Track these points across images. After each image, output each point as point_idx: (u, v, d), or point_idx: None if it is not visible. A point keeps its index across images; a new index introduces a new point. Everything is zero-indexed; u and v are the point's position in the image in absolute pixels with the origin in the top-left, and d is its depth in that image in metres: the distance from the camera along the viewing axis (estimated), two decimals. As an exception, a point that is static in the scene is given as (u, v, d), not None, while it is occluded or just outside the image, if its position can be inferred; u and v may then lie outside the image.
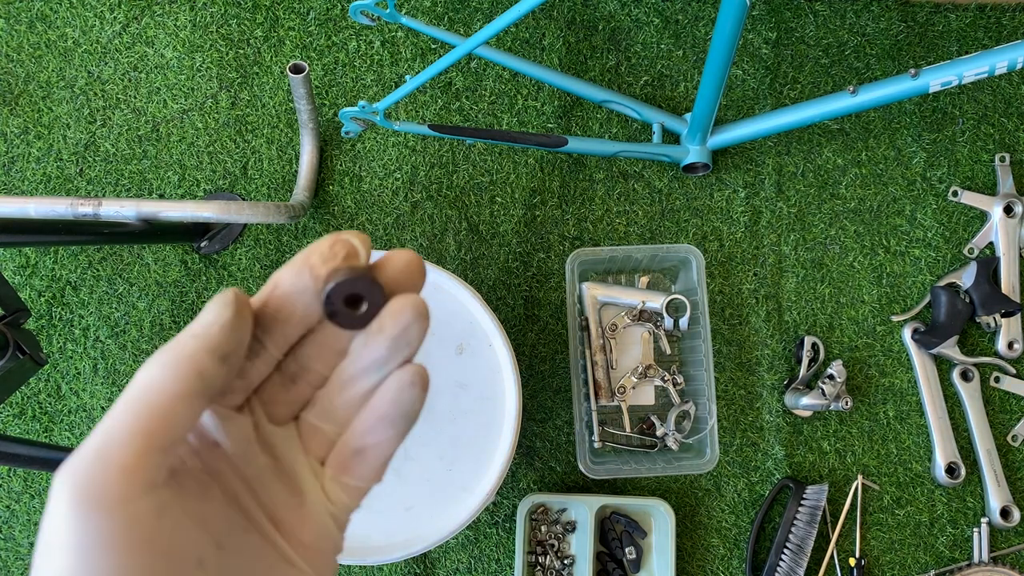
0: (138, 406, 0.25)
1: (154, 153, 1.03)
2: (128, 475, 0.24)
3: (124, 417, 0.24)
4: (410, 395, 0.29)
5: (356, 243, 0.28)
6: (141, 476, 0.24)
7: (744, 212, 1.00)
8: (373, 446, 0.30)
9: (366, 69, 1.04)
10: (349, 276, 0.28)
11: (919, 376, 0.97)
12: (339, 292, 0.28)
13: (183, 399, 0.25)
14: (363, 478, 0.31)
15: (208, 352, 0.26)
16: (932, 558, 0.95)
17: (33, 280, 1.01)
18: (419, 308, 0.28)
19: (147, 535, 0.24)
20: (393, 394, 0.29)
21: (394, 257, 0.30)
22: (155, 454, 0.25)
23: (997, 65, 0.82)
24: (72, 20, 1.06)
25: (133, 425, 0.24)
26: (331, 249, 0.28)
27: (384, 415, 0.29)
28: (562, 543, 0.94)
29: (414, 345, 0.29)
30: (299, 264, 0.28)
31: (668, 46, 1.04)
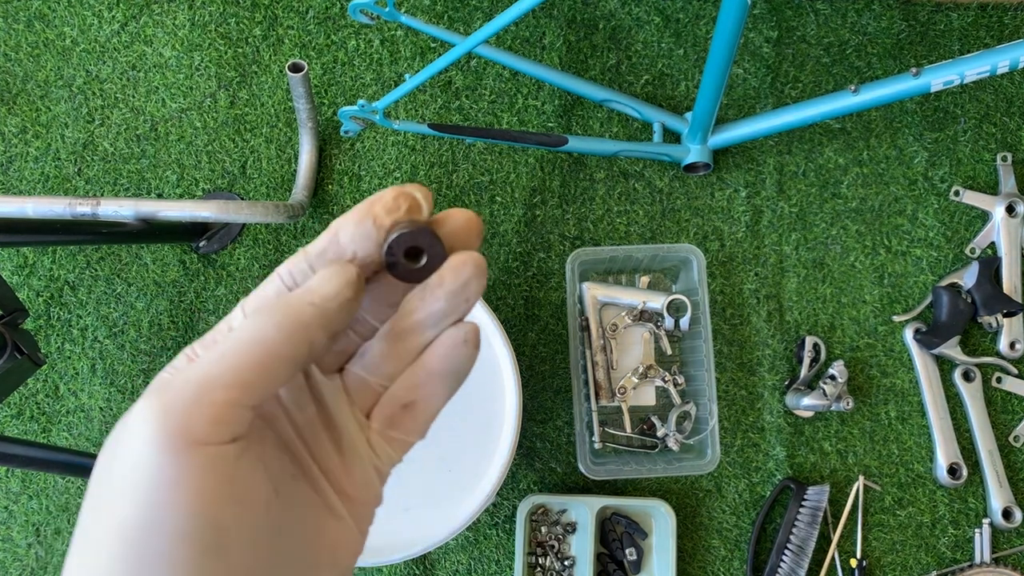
0: (246, 358, 0.25)
1: (152, 152, 1.02)
2: (222, 423, 0.24)
3: (230, 363, 0.25)
4: (464, 352, 0.29)
5: (419, 197, 0.29)
6: (233, 426, 0.25)
7: (745, 212, 1.00)
8: (422, 401, 0.30)
9: (365, 68, 1.03)
10: (411, 229, 0.28)
11: (920, 376, 0.97)
12: (400, 244, 0.28)
13: (289, 364, 0.26)
14: (409, 432, 0.31)
15: (323, 327, 0.26)
16: (934, 559, 0.95)
17: (31, 280, 1.00)
18: (479, 264, 0.29)
19: (227, 477, 0.24)
20: (447, 350, 0.29)
21: (454, 214, 0.30)
22: (248, 408, 0.25)
23: (999, 64, 0.81)
24: (70, 19, 1.05)
25: (237, 375, 0.25)
26: (395, 201, 0.28)
27: (436, 371, 0.30)
28: (562, 544, 0.94)
29: (472, 301, 0.29)
30: (362, 213, 0.28)
31: (669, 45, 1.04)
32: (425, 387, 0.30)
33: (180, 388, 0.24)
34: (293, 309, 0.26)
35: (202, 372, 0.25)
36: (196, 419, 0.24)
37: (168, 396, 0.24)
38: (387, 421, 0.31)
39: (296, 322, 0.26)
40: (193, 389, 0.24)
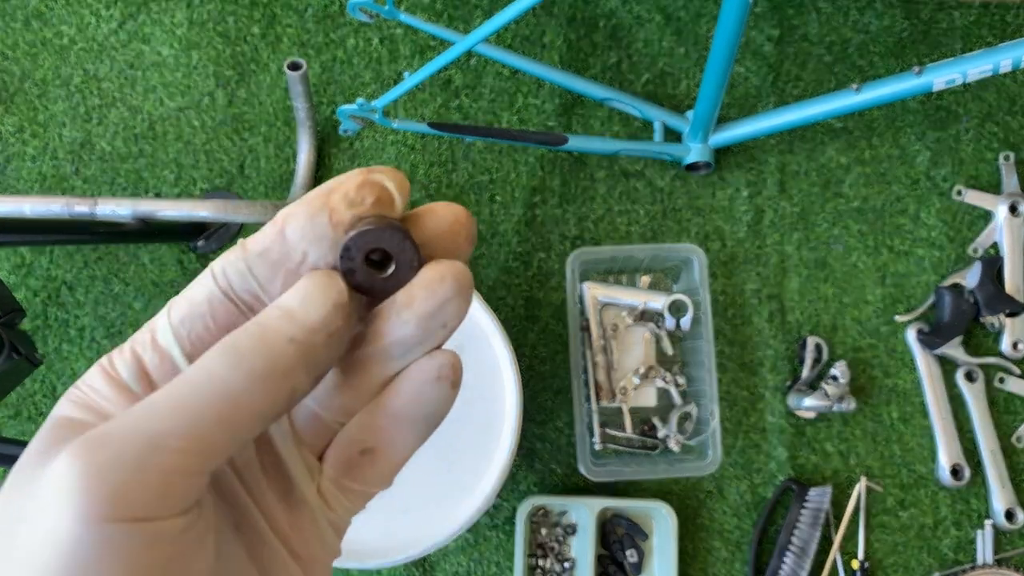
0: (208, 414, 0.20)
1: (150, 152, 1.02)
2: (171, 496, 0.19)
3: (186, 419, 0.20)
4: (436, 392, 0.24)
5: (391, 186, 0.23)
6: (184, 498, 0.20)
7: (747, 211, 1.00)
8: (384, 448, 0.25)
9: (364, 66, 1.03)
10: (376, 226, 0.22)
11: (923, 377, 0.96)
12: (361, 245, 0.22)
13: (262, 419, 0.21)
14: (369, 482, 0.25)
15: (307, 368, 0.21)
16: (936, 561, 0.94)
17: (29, 280, 1.00)
18: (461, 279, 0.23)
19: (167, 557, 0.20)
20: (415, 388, 0.24)
21: (438, 210, 0.24)
22: (206, 475, 0.20)
23: (1001, 63, 0.81)
24: (68, 17, 1.05)
25: (195, 436, 0.20)
26: (358, 191, 0.22)
27: (401, 414, 0.24)
28: (562, 546, 0.93)
29: (450, 327, 0.23)
30: (316, 205, 0.22)
31: (670, 43, 1.03)
32: (387, 432, 0.24)
33: (119, 447, 0.19)
34: (269, 348, 0.21)
35: (149, 429, 0.19)
36: (138, 490, 0.19)
37: (103, 456, 0.19)
38: (342, 467, 0.25)
39: (275, 369, 0.20)
40: (136, 451, 0.19)
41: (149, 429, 0.19)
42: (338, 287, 0.22)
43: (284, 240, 0.22)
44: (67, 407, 0.22)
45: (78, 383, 0.22)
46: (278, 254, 0.22)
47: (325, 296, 0.22)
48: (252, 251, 0.22)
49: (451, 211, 0.24)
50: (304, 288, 0.22)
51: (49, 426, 0.21)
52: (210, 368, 0.20)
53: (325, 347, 0.22)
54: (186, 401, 0.20)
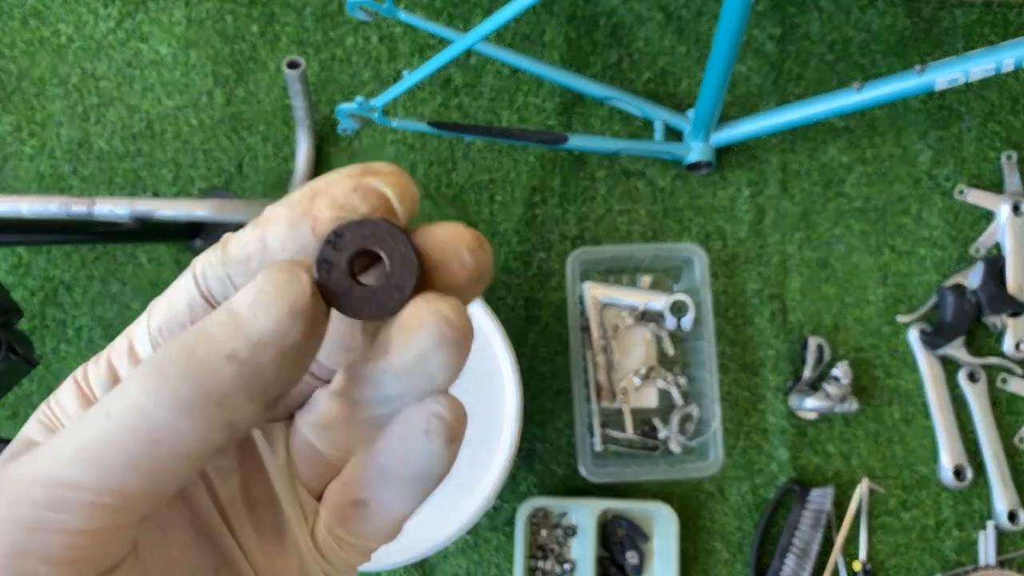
0: (119, 457, 0.16)
1: (148, 151, 1.01)
2: (76, 563, 0.16)
3: (93, 468, 0.16)
4: (425, 450, 0.19)
5: (390, 193, 0.18)
6: (94, 564, 0.16)
7: (748, 211, 0.99)
8: (377, 503, 0.21)
9: (363, 65, 1.03)
10: (380, 223, 0.18)
11: (925, 377, 0.96)
12: (353, 240, 0.18)
13: (193, 461, 0.17)
14: (364, 536, 0.22)
15: (251, 395, 0.17)
16: (938, 562, 0.94)
17: (26, 280, 0.99)
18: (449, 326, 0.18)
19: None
20: (401, 443, 0.20)
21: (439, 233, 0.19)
22: (125, 532, 0.17)
23: (1004, 62, 0.80)
24: (66, 16, 1.04)
25: (106, 488, 0.16)
26: (346, 197, 0.18)
27: (388, 469, 0.20)
28: (563, 547, 0.93)
29: (440, 381, 0.19)
30: (298, 211, 0.18)
31: (671, 42, 1.03)
32: (378, 487, 0.21)
33: (16, 501, 0.16)
34: (202, 371, 0.16)
35: (51, 476, 0.16)
36: (38, 557, 0.16)
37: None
38: (336, 516, 0.22)
39: (208, 397, 0.16)
40: (35, 506, 0.16)
41: (51, 477, 0.16)
42: (299, 288, 0.17)
43: (265, 248, 0.19)
44: (33, 427, 0.19)
45: (50, 398, 0.20)
46: (259, 263, 0.19)
47: (280, 299, 0.17)
48: (232, 257, 0.19)
49: (457, 235, 0.19)
50: (256, 286, 0.17)
51: (11, 449, 0.19)
52: (129, 394, 0.17)
53: (275, 367, 0.17)
54: (96, 440, 0.16)
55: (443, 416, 0.19)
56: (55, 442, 0.17)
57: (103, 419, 0.16)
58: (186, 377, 0.16)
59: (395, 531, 0.22)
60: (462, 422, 0.19)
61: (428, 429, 0.19)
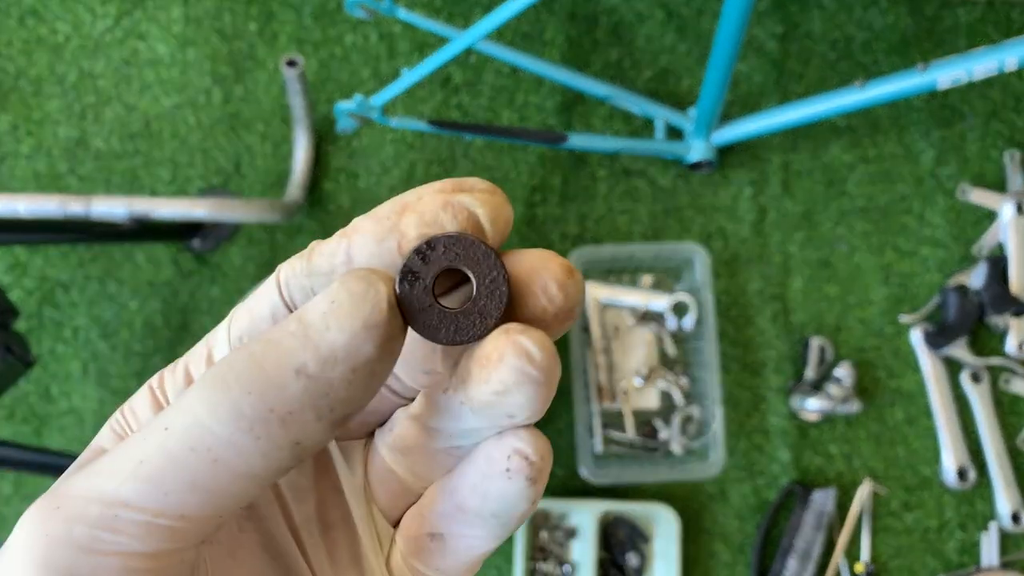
0: (178, 477, 0.15)
1: (146, 150, 1.01)
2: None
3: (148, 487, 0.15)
4: (504, 490, 0.18)
5: (480, 213, 0.18)
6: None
7: (750, 210, 0.99)
8: (453, 538, 0.20)
9: (362, 64, 1.02)
10: (474, 242, 0.17)
11: (928, 378, 0.95)
12: (444, 256, 0.17)
13: (259, 481, 0.16)
14: (441, 571, 0.20)
15: (318, 413, 0.16)
16: (941, 563, 0.93)
17: (23, 280, 0.99)
18: (532, 362, 0.17)
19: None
20: (478, 480, 0.18)
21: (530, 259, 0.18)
22: (185, 552, 0.16)
23: (1007, 61, 0.80)
24: (63, 15, 1.04)
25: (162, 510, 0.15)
26: (435, 215, 0.17)
27: (466, 505, 0.19)
28: (563, 549, 0.92)
29: (519, 419, 0.18)
30: (385, 226, 0.17)
31: (672, 40, 1.02)
32: (455, 522, 0.19)
33: (72, 517, 0.15)
34: (267, 382, 0.15)
35: (106, 494, 0.15)
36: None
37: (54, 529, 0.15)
38: (413, 547, 0.20)
39: (269, 411, 0.15)
40: (90, 524, 0.15)
41: (107, 495, 0.15)
42: (375, 299, 0.16)
43: (350, 261, 0.18)
44: (106, 436, 0.19)
45: (124, 405, 0.19)
46: None
47: (355, 311, 0.16)
48: (316, 269, 0.18)
49: (545, 264, 0.18)
50: (330, 296, 0.16)
51: (81, 459, 0.18)
52: (190, 408, 0.16)
53: (346, 385, 0.16)
54: (154, 457, 0.15)
55: (525, 454, 0.18)
56: (115, 455, 0.16)
57: (162, 434, 0.16)
58: (250, 391, 0.15)
59: (473, 568, 0.21)
60: (546, 461, 0.18)
61: (509, 467, 0.18)
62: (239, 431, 0.15)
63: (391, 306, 0.16)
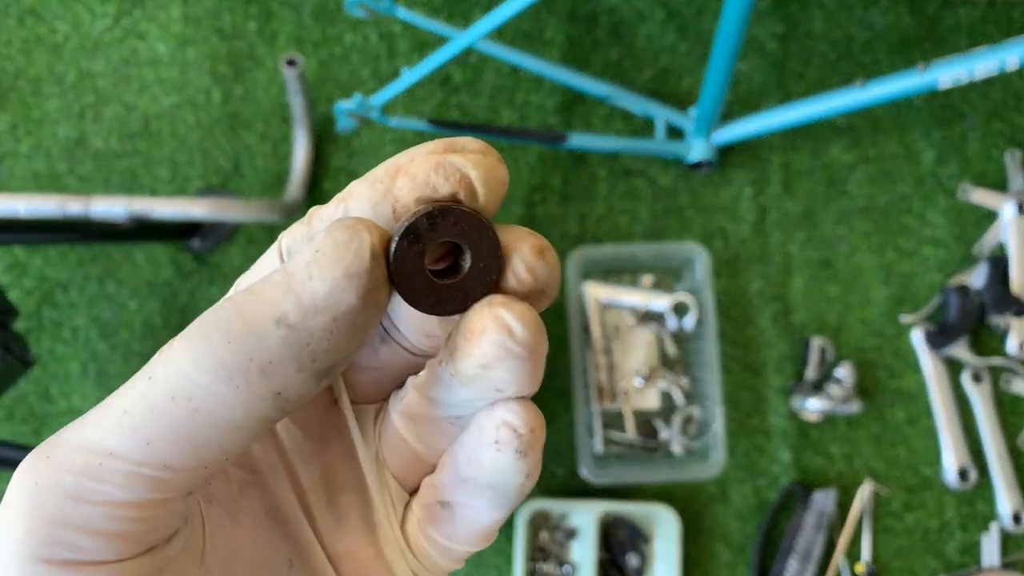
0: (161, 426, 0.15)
1: (145, 149, 1.01)
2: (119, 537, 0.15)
3: (134, 437, 0.15)
4: (495, 461, 0.18)
5: (474, 176, 0.17)
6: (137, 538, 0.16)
7: (750, 210, 0.98)
8: (459, 507, 0.20)
9: (362, 63, 1.02)
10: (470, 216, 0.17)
11: (929, 378, 0.95)
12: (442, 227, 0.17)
13: (242, 432, 0.16)
14: (454, 539, 0.21)
15: (300, 364, 0.15)
16: (942, 564, 0.93)
17: (22, 280, 0.98)
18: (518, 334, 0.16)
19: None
20: (472, 451, 0.19)
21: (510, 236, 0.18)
22: (174, 503, 0.16)
23: (1008, 60, 0.79)
24: (62, 14, 1.03)
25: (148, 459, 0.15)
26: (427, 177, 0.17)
27: (464, 475, 0.19)
28: (563, 550, 0.92)
29: (508, 392, 0.17)
30: (379, 189, 0.17)
31: (672, 40, 1.02)
32: (460, 492, 0.20)
33: (61, 466, 0.15)
34: (246, 332, 0.15)
35: (93, 443, 0.15)
36: (79, 527, 0.15)
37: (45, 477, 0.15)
38: (427, 514, 0.21)
39: (248, 360, 0.15)
40: (77, 474, 0.15)
41: (93, 444, 0.15)
42: (357, 248, 0.15)
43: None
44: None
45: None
46: None
47: (337, 260, 0.15)
48: (318, 223, 0.18)
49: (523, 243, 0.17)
50: (315, 245, 0.16)
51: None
52: (172, 358, 0.16)
53: (327, 335, 0.15)
54: (136, 406, 0.15)
55: (513, 426, 0.18)
56: (103, 405, 0.16)
57: (145, 383, 0.16)
58: (229, 340, 0.15)
59: (484, 538, 0.21)
60: (536, 434, 0.18)
61: (498, 439, 0.18)
62: (218, 380, 0.15)
63: (375, 256, 0.16)
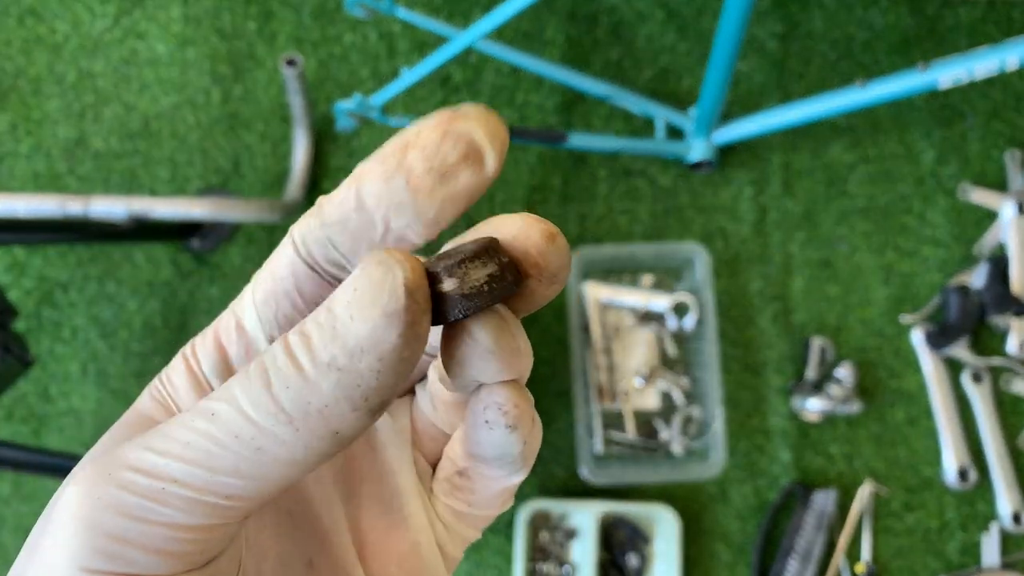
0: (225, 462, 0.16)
1: (145, 149, 1.01)
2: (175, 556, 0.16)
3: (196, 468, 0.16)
4: (491, 437, 0.20)
5: (480, 138, 0.17)
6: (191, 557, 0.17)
7: (750, 210, 0.98)
8: (475, 474, 0.22)
9: (362, 63, 1.02)
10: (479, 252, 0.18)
11: (929, 378, 0.95)
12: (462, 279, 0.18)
13: (302, 467, 0.17)
14: (474, 505, 0.22)
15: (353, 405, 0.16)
16: (942, 564, 0.93)
17: (22, 280, 0.98)
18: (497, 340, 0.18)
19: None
20: (472, 431, 0.20)
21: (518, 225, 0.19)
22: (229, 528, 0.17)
23: (1008, 60, 0.79)
24: (62, 14, 1.03)
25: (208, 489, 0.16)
26: (437, 146, 0.17)
27: (471, 452, 0.21)
28: (563, 550, 0.92)
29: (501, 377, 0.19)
30: (391, 164, 0.17)
31: (672, 39, 1.02)
32: (471, 461, 0.21)
33: (123, 485, 0.16)
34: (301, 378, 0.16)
35: (157, 468, 0.16)
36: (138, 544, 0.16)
37: (106, 494, 0.16)
38: (446, 486, 0.22)
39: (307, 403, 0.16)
40: (140, 494, 0.16)
41: (158, 469, 0.16)
42: (393, 286, 0.16)
43: (363, 208, 0.18)
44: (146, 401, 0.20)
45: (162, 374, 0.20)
46: (357, 223, 0.18)
47: (374, 299, 0.16)
48: (329, 220, 0.18)
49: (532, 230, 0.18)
50: (353, 284, 0.16)
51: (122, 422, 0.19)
52: (234, 398, 0.16)
53: (375, 375, 0.16)
54: (200, 441, 0.16)
55: (499, 404, 0.19)
56: (164, 433, 0.17)
57: (207, 420, 0.16)
58: (287, 386, 0.16)
59: (502, 502, 0.22)
60: (522, 407, 0.19)
61: (488, 419, 0.19)
62: (280, 424, 0.16)
63: (410, 292, 0.16)
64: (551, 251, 0.18)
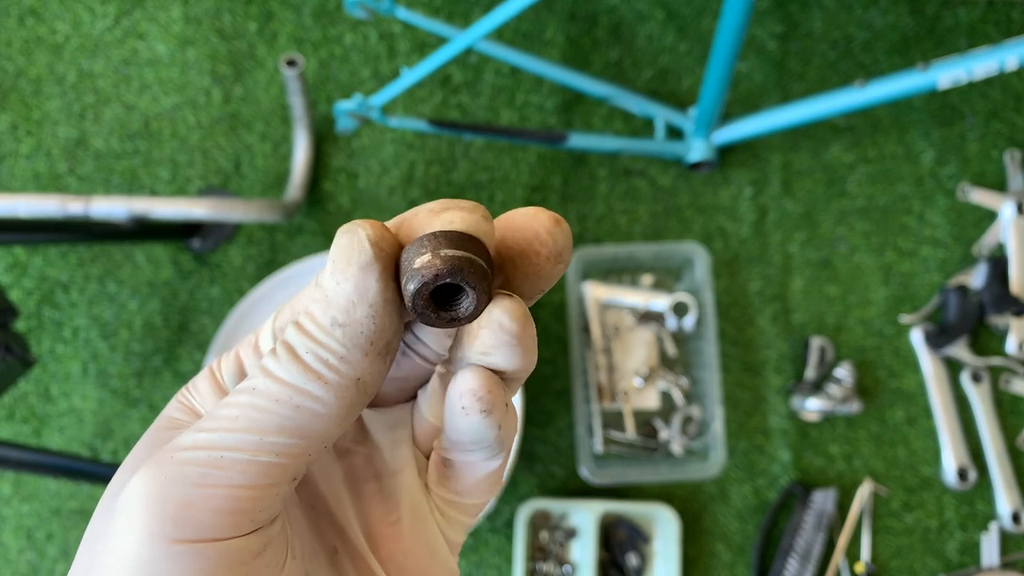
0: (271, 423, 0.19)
1: (145, 150, 1.01)
2: (239, 512, 0.19)
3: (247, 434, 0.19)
4: (467, 423, 0.21)
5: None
6: (254, 513, 0.19)
7: (750, 210, 0.98)
8: (457, 462, 0.24)
9: (362, 63, 1.02)
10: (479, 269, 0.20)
11: (928, 378, 0.95)
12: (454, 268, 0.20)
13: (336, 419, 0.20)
14: (462, 493, 0.24)
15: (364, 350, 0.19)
16: (941, 564, 0.93)
17: (23, 280, 0.98)
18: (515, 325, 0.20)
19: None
20: (449, 419, 0.22)
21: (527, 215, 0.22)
22: (280, 489, 0.19)
23: (1007, 60, 0.80)
24: (63, 14, 1.04)
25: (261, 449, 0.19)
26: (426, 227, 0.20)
27: (452, 438, 0.23)
28: (563, 549, 0.92)
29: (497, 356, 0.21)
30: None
31: (672, 40, 1.02)
32: (454, 450, 0.23)
33: (183, 462, 0.19)
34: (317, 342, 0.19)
35: (211, 441, 0.19)
36: (203, 509, 0.18)
37: (169, 472, 0.19)
38: (435, 476, 0.24)
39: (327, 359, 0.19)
40: (200, 466, 0.19)
41: (213, 442, 0.19)
42: (360, 244, 0.19)
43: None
44: (174, 408, 0.23)
45: (188, 385, 0.23)
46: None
47: (348, 259, 0.19)
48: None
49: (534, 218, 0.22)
50: (330, 255, 0.20)
51: (155, 427, 0.22)
52: (269, 372, 0.19)
53: (372, 319, 0.19)
54: (247, 411, 0.19)
55: (474, 391, 0.21)
56: (210, 418, 0.19)
57: (250, 394, 0.19)
58: (308, 350, 0.19)
59: (489, 488, 0.24)
60: (493, 392, 0.21)
61: (463, 406, 0.21)
62: (310, 381, 0.19)
63: (373, 243, 0.19)
64: (558, 231, 0.22)
